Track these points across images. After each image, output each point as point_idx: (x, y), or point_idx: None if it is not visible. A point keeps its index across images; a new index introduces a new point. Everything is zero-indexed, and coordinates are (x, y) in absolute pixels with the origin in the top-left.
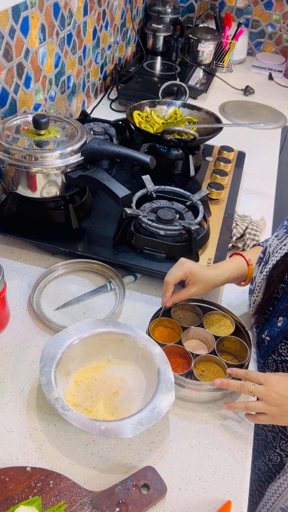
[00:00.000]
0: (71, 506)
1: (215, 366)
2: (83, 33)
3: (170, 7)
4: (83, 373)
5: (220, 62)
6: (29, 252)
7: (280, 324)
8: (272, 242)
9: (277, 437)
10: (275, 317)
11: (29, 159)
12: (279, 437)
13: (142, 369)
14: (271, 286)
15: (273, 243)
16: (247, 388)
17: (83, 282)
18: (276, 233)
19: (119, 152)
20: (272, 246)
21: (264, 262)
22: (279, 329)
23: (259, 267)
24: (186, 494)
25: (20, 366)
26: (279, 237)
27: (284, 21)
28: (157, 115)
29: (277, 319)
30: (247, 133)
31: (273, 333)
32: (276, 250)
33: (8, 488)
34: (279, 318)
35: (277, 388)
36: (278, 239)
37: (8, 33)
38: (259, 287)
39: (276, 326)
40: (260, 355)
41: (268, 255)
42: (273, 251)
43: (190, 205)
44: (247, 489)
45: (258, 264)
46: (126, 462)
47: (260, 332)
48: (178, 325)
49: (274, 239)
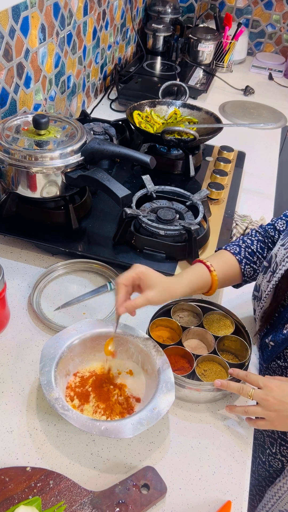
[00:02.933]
0: (71, 506)
1: (217, 366)
2: (83, 33)
3: (170, 7)
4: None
5: (220, 62)
6: (29, 252)
7: (286, 331)
8: (279, 252)
9: (275, 443)
10: (281, 324)
11: (29, 159)
12: (278, 443)
13: (142, 369)
14: (279, 295)
15: (280, 252)
16: (246, 391)
17: (83, 282)
18: (282, 241)
19: (119, 152)
20: (279, 256)
21: (272, 272)
22: (284, 336)
23: (265, 275)
24: (186, 494)
25: (20, 366)
26: (286, 246)
27: (284, 21)
28: (157, 115)
29: (283, 326)
30: (247, 133)
31: (278, 339)
32: (284, 259)
33: (8, 488)
34: (285, 326)
35: (276, 393)
36: (285, 248)
37: (8, 33)
38: (267, 296)
39: (282, 333)
40: (263, 359)
41: (275, 265)
42: (281, 260)
43: (190, 205)
44: (247, 489)
45: (264, 273)
46: (126, 462)
47: (263, 336)
48: (178, 325)
49: (280, 248)
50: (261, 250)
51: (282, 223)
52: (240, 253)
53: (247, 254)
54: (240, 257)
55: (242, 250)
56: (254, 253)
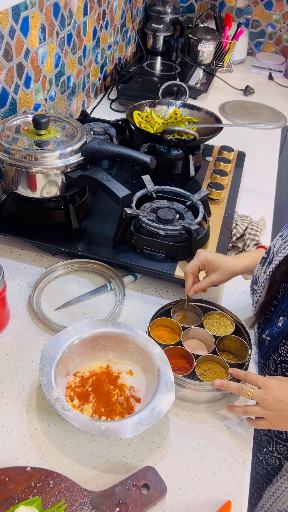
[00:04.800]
0: (71, 506)
1: (217, 366)
2: (83, 33)
3: (170, 7)
4: (83, 373)
5: (220, 62)
6: (29, 252)
7: (281, 324)
8: (276, 242)
9: (272, 441)
10: (276, 317)
11: (29, 159)
12: (274, 441)
13: (142, 369)
14: (274, 286)
15: (277, 243)
16: (245, 391)
17: (83, 282)
18: (281, 233)
19: (119, 152)
20: (276, 246)
21: (268, 262)
22: (279, 329)
23: (263, 267)
24: (186, 494)
25: (20, 366)
26: (283, 237)
27: (284, 21)
28: (157, 115)
29: (278, 319)
30: (247, 133)
31: (274, 333)
32: (280, 250)
33: (8, 488)
34: (279, 318)
35: (275, 393)
36: (282, 239)
37: (8, 33)
38: (262, 287)
39: (277, 326)
40: (261, 356)
41: (272, 255)
42: (277, 251)
43: (190, 205)
44: (247, 489)
45: (262, 264)
46: (126, 462)
47: (261, 333)
48: (178, 325)
49: (278, 239)
50: None
51: None
52: None
53: None
54: None
55: None
56: None
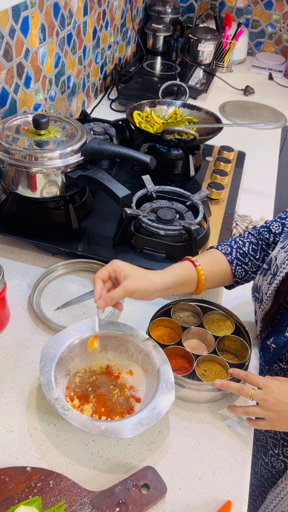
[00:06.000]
0: (71, 506)
1: (217, 366)
2: (83, 33)
3: (170, 7)
4: (83, 373)
5: (220, 62)
6: (29, 252)
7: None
8: (279, 254)
9: (278, 444)
10: (283, 327)
11: (29, 159)
12: (280, 444)
13: (142, 369)
14: (280, 297)
15: (280, 255)
16: (246, 391)
17: (83, 282)
18: (282, 244)
19: (119, 152)
20: (279, 258)
21: (272, 274)
22: (286, 339)
23: (265, 277)
24: (186, 494)
25: (20, 366)
26: (286, 249)
27: (284, 21)
28: (157, 115)
29: (285, 329)
30: (247, 133)
31: (280, 342)
32: (284, 262)
33: (8, 488)
34: (287, 328)
35: (275, 394)
36: (285, 251)
37: (8, 33)
38: (269, 298)
39: (284, 335)
40: (265, 361)
41: (276, 267)
42: (281, 263)
43: (190, 205)
44: (247, 489)
45: (264, 275)
46: (126, 462)
47: (265, 338)
48: (178, 325)
49: (280, 250)
50: (253, 252)
51: (277, 225)
52: (232, 253)
53: (238, 255)
54: (231, 257)
55: (234, 251)
56: (246, 254)
